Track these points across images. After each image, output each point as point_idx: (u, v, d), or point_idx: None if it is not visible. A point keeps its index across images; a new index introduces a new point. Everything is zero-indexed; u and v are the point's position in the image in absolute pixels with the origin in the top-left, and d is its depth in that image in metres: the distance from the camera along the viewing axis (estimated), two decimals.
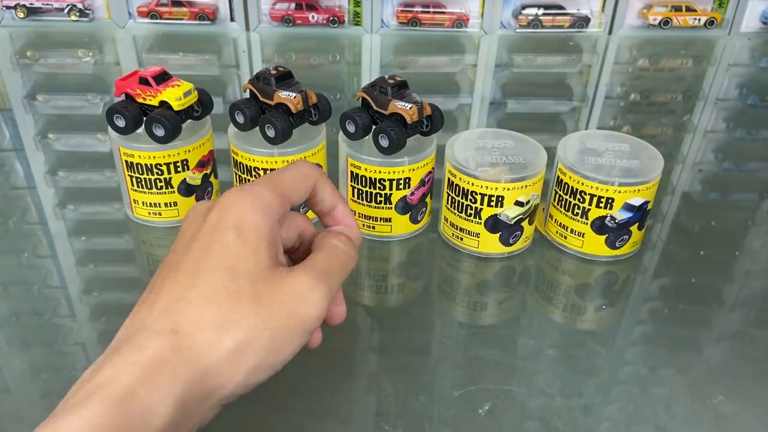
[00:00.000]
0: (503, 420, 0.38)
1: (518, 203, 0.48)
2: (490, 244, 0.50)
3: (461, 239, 0.51)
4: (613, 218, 0.48)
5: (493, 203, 0.48)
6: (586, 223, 0.49)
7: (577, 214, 0.49)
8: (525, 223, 0.50)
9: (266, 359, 0.31)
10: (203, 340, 0.29)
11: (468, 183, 0.48)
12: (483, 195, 0.47)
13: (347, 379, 0.41)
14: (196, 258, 0.32)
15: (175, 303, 0.30)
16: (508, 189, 0.47)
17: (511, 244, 0.50)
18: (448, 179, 0.49)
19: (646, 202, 0.48)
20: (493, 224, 0.49)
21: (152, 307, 0.31)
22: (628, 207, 0.48)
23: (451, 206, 0.50)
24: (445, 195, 0.51)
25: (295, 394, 0.40)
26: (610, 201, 0.48)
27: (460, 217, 0.50)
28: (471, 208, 0.49)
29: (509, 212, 0.48)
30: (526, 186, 0.47)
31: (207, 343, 0.29)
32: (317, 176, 0.38)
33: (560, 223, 0.51)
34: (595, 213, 0.48)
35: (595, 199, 0.48)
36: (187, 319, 0.30)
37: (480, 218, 0.49)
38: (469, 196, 0.48)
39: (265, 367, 0.31)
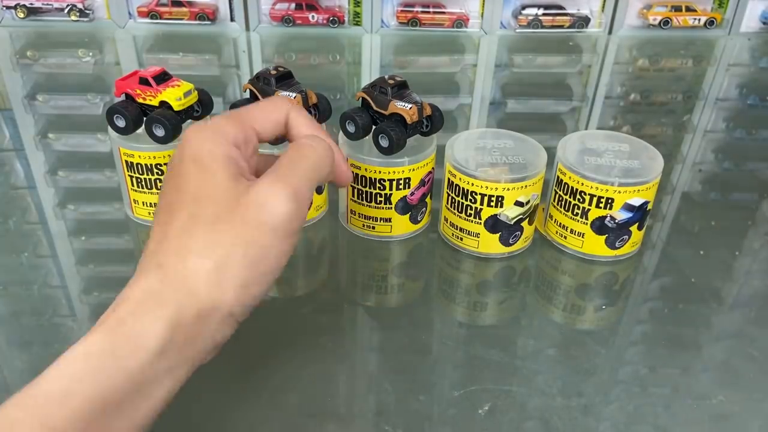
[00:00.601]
0: (503, 420, 0.38)
1: (518, 203, 0.48)
2: (490, 244, 0.50)
3: (461, 239, 0.51)
4: (612, 218, 0.48)
5: (493, 203, 0.48)
6: (586, 224, 0.49)
7: (576, 214, 0.49)
8: (525, 223, 0.50)
9: (251, 273, 0.32)
10: (185, 269, 0.31)
11: (468, 183, 0.48)
12: (483, 195, 0.47)
13: (347, 379, 0.41)
14: (168, 197, 0.34)
15: (159, 243, 0.33)
16: (508, 189, 0.47)
17: (511, 244, 0.50)
18: (448, 179, 0.49)
19: (646, 203, 0.48)
20: (493, 224, 0.49)
21: (144, 253, 0.33)
22: (627, 207, 0.48)
23: (451, 206, 0.50)
24: (445, 195, 0.51)
25: (295, 394, 0.40)
26: (609, 201, 0.48)
27: (460, 217, 0.50)
28: (471, 209, 0.49)
29: (509, 212, 0.48)
30: (526, 186, 0.47)
31: (190, 271, 0.31)
32: (288, 108, 0.38)
33: (560, 224, 0.51)
34: (595, 213, 0.48)
35: (594, 200, 0.48)
36: (170, 253, 0.32)
37: (480, 218, 0.49)
38: (469, 196, 0.48)
39: (256, 280, 0.32)
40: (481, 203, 0.48)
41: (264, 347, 0.42)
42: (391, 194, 0.50)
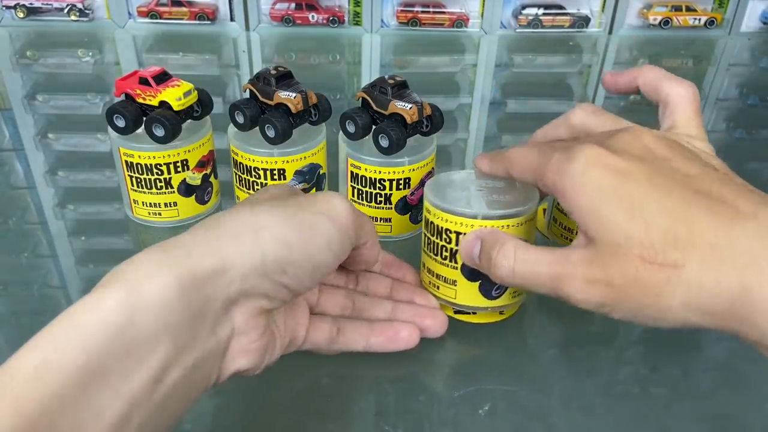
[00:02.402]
0: (503, 420, 0.38)
1: None
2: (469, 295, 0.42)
3: (438, 288, 0.43)
4: None
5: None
6: None
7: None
8: None
9: (293, 240, 0.31)
10: (217, 227, 0.31)
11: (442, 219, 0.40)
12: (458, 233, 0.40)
13: (347, 379, 0.41)
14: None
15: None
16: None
17: (494, 298, 0.42)
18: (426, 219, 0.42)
19: None
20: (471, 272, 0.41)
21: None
22: None
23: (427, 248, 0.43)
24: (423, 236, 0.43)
25: (295, 394, 0.40)
26: None
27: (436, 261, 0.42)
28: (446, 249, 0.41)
29: None
30: (508, 226, 0.39)
31: (221, 230, 0.31)
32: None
33: (564, 226, 0.51)
34: None
35: None
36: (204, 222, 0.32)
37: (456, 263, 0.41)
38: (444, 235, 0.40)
39: (293, 253, 0.31)
40: (456, 243, 0.40)
41: None
42: (391, 194, 0.50)
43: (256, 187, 0.51)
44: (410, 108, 0.48)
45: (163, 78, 0.51)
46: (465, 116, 0.78)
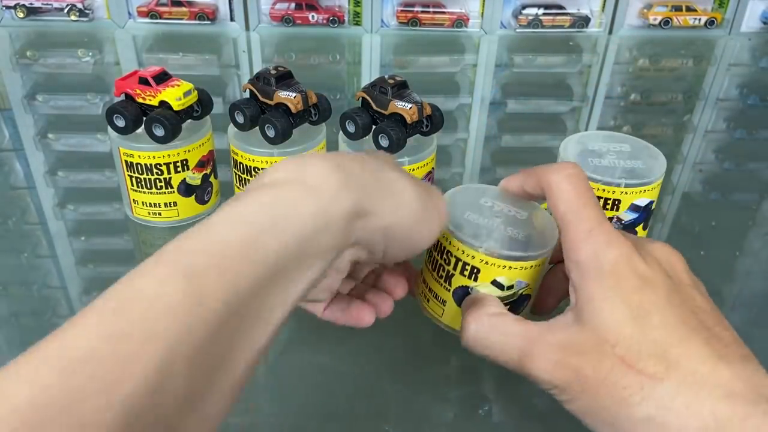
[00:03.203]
0: (503, 420, 0.38)
1: (496, 284, 0.37)
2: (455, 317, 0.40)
3: (428, 301, 0.41)
4: (619, 219, 0.48)
5: (466, 273, 0.37)
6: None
7: None
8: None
9: (419, 216, 0.32)
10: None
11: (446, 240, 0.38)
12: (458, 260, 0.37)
13: (347, 379, 0.41)
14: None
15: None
16: (485, 262, 0.36)
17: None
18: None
19: (651, 202, 0.48)
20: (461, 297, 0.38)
21: None
22: (634, 208, 0.47)
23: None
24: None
25: (295, 394, 0.40)
26: (616, 202, 0.47)
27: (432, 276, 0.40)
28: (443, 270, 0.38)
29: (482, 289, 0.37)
30: (506, 267, 0.36)
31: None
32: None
33: None
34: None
35: (601, 202, 0.47)
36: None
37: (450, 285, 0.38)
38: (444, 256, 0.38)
39: (413, 227, 0.32)
40: (454, 268, 0.37)
41: None
42: None
43: None
44: (410, 108, 0.48)
45: (163, 78, 0.51)
46: (465, 116, 0.77)
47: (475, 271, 0.36)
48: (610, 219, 0.47)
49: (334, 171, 0.29)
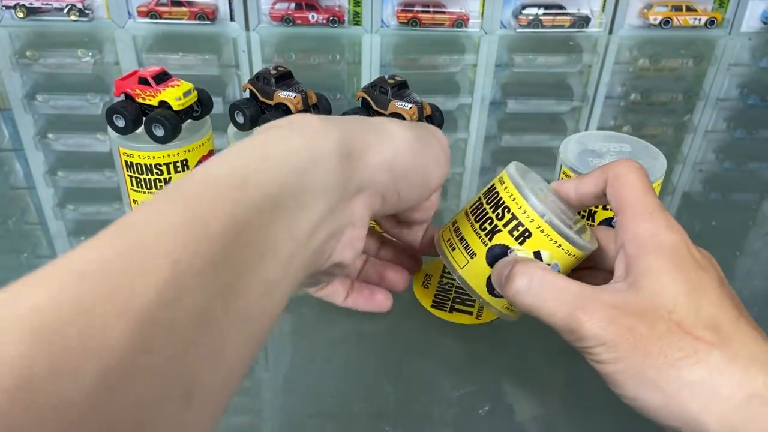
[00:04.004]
0: (503, 420, 0.38)
1: (537, 255, 0.37)
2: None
3: (453, 249, 0.39)
4: None
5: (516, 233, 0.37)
6: (593, 225, 0.49)
7: (583, 217, 0.49)
8: None
9: (417, 148, 0.33)
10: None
11: (510, 196, 0.37)
12: (514, 217, 0.37)
13: (347, 379, 0.41)
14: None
15: None
16: (545, 232, 0.36)
17: (495, 296, 0.38)
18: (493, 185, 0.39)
19: None
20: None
21: None
22: None
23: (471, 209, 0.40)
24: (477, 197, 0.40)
25: (295, 394, 0.40)
26: None
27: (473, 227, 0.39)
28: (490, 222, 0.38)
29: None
30: (559, 245, 0.36)
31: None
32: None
33: None
34: (601, 215, 0.48)
35: None
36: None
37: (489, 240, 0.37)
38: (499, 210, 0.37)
39: (415, 159, 0.33)
40: (505, 225, 0.37)
41: (263, 347, 0.42)
42: None
43: None
44: (410, 108, 0.48)
45: (162, 78, 0.51)
46: (465, 116, 0.77)
47: (527, 235, 0.36)
48: (611, 218, 0.48)
49: (317, 117, 0.30)
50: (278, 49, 0.95)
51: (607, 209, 0.47)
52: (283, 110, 0.50)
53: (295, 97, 0.49)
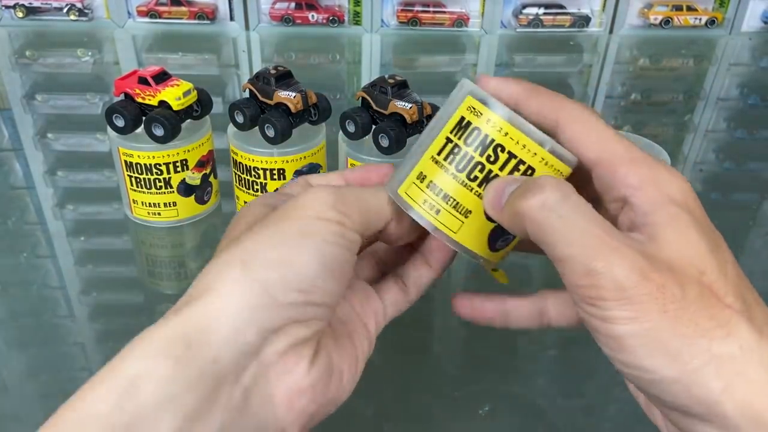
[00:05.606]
0: (503, 420, 0.38)
1: None
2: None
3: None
4: None
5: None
6: None
7: None
8: None
9: (286, 255, 0.27)
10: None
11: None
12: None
13: None
14: None
15: None
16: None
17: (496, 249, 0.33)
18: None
19: None
20: None
21: None
22: None
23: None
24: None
25: None
26: None
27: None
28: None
29: None
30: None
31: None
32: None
33: None
34: None
35: None
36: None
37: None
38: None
39: (295, 266, 0.27)
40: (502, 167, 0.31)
41: None
42: None
43: (255, 186, 0.51)
44: (410, 107, 0.48)
45: (162, 77, 0.51)
46: None
47: (529, 172, 0.31)
48: None
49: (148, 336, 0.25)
50: (278, 48, 0.95)
51: None
52: (283, 110, 0.50)
53: (294, 97, 0.49)
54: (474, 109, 0.32)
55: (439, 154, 0.31)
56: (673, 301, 0.24)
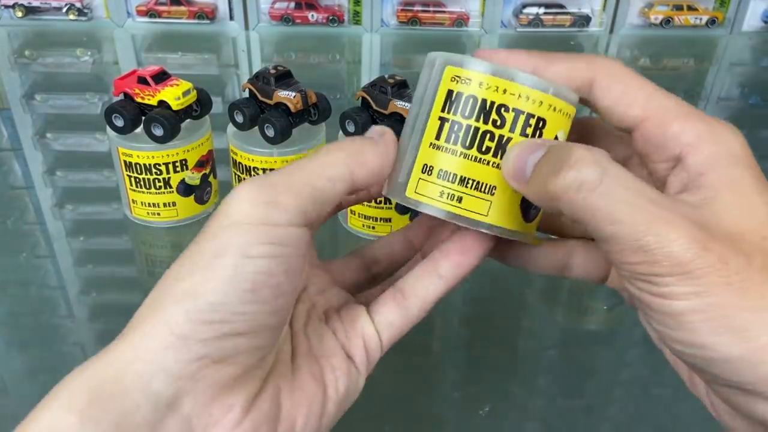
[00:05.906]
0: (503, 420, 0.38)
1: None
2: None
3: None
4: None
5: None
6: None
7: None
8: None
9: (199, 284, 0.23)
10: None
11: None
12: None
13: None
14: None
15: None
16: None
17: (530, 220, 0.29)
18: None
19: None
20: None
21: None
22: None
23: None
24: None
25: None
26: None
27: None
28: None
29: None
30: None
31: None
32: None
33: None
34: None
35: None
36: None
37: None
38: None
39: (210, 295, 0.23)
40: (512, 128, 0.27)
41: None
42: None
43: None
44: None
45: (162, 77, 0.51)
46: None
47: (541, 124, 0.27)
48: None
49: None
50: (278, 48, 0.95)
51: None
52: (283, 110, 0.50)
53: (294, 97, 0.49)
54: (459, 77, 0.29)
55: (437, 138, 0.27)
56: (738, 272, 0.22)
